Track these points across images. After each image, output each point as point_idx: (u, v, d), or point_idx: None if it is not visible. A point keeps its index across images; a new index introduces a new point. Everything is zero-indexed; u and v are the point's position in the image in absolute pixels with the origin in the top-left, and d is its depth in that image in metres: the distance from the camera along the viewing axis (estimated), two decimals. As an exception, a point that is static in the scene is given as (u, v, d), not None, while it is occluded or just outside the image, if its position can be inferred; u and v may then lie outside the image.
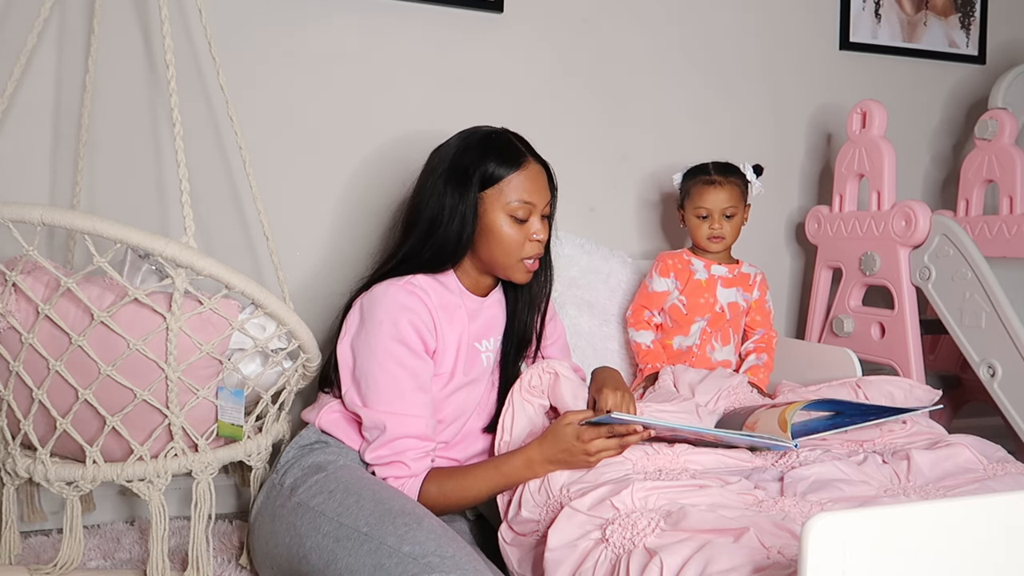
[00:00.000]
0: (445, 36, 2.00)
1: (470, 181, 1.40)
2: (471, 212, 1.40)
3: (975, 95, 2.55)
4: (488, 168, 1.40)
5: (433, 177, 1.43)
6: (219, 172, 1.83)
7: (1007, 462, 1.38)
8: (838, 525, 0.78)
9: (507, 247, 1.42)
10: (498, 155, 1.41)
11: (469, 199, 1.40)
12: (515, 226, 1.41)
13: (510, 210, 1.41)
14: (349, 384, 1.41)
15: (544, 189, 1.45)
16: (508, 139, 1.45)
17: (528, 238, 1.43)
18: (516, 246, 1.42)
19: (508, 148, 1.43)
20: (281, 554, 1.29)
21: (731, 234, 1.85)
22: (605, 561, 1.09)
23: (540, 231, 1.43)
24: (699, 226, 1.84)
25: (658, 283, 1.87)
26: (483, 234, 1.42)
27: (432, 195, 1.42)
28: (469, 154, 1.42)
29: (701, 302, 1.85)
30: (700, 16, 2.25)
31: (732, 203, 1.82)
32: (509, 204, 1.40)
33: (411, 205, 1.48)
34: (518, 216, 1.41)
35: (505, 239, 1.42)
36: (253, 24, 1.85)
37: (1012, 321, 1.76)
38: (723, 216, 1.82)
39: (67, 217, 1.20)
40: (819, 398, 1.55)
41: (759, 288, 1.91)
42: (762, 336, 1.91)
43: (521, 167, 1.42)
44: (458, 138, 1.47)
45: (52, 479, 1.33)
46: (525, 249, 1.43)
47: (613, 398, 1.41)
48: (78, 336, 1.25)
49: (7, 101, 1.49)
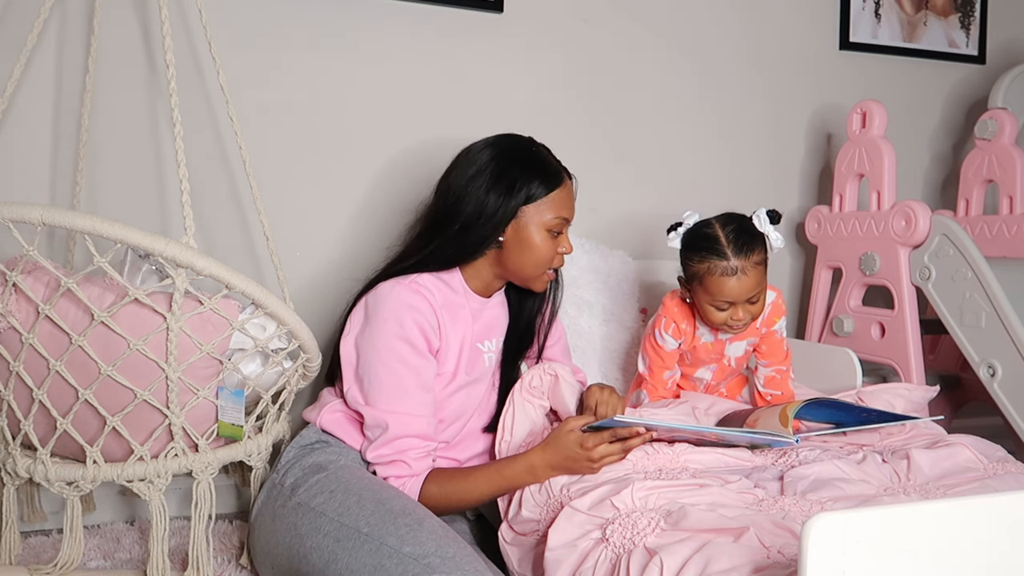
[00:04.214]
0: (445, 36, 2.00)
1: (515, 194, 1.42)
2: (506, 221, 1.43)
3: (975, 95, 2.55)
4: (534, 185, 1.43)
5: (475, 183, 1.43)
6: (219, 172, 1.83)
7: (1007, 462, 1.38)
8: (838, 525, 0.78)
9: (539, 260, 1.45)
10: (543, 173, 1.44)
11: (509, 209, 1.42)
12: (549, 240, 1.45)
13: (548, 226, 1.44)
14: (352, 382, 1.41)
15: (574, 204, 1.50)
16: (547, 155, 1.49)
17: (557, 251, 1.47)
18: (547, 259, 1.46)
19: (549, 165, 1.46)
20: (281, 554, 1.29)
21: (756, 314, 1.51)
22: (605, 561, 1.09)
23: (568, 245, 1.48)
24: (714, 313, 1.50)
25: (670, 342, 1.60)
26: (517, 245, 1.44)
27: (472, 199, 1.43)
28: (515, 167, 1.43)
29: (705, 357, 1.63)
30: (700, 16, 2.25)
31: (758, 288, 1.47)
32: (548, 220, 1.44)
33: (443, 206, 1.47)
34: (554, 231, 1.45)
35: (539, 252, 1.44)
36: (253, 24, 1.85)
37: (1012, 321, 1.76)
38: (747, 302, 1.49)
39: (67, 217, 1.20)
40: (820, 397, 1.55)
41: (772, 314, 1.60)
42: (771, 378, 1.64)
43: (561, 185, 1.45)
44: (496, 146, 1.47)
45: (52, 479, 1.33)
46: (553, 262, 1.47)
47: (598, 394, 1.44)
48: (78, 336, 1.25)
49: (7, 101, 1.49)
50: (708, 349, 1.62)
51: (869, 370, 2.01)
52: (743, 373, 1.74)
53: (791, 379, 1.66)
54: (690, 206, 2.00)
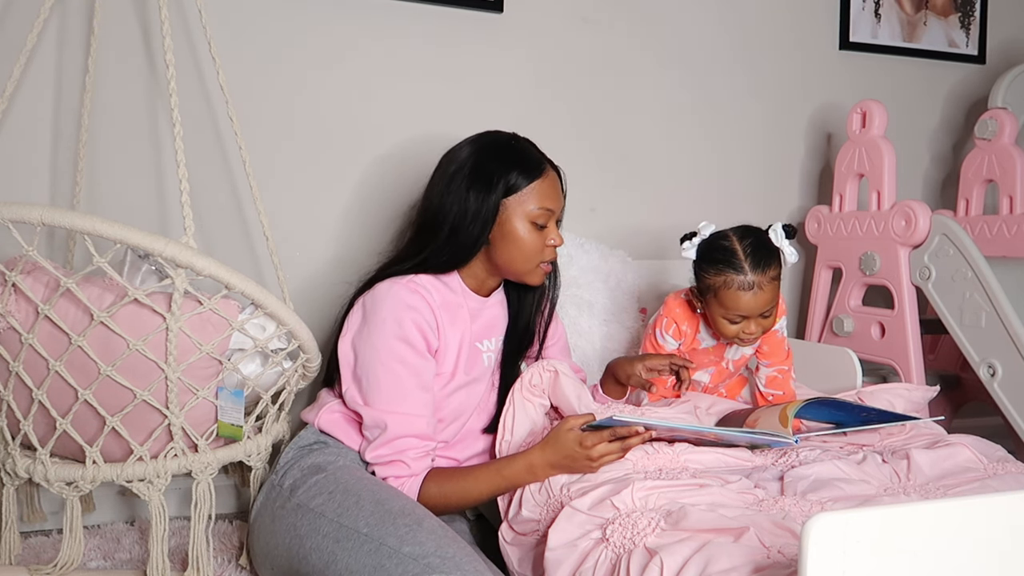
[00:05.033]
0: (445, 36, 2.00)
1: (494, 188, 1.41)
2: (491, 217, 1.42)
3: (975, 95, 2.55)
4: (512, 176, 1.42)
5: (455, 182, 1.43)
6: (219, 172, 1.83)
7: (1007, 462, 1.38)
8: (838, 525, 0.78)
9: (527, 253, 1.44)
10: (522, 164, 1.44)
11: (491, 205, 1.42)
12: (534, 232, 1.44)
13: (531, 217, 1.43)
14: (350, 382, 1.41)
15: (560, 195, 1.49)
16: (527, 147, 1.48)
17: (546, 243, 1.46)
18: (536, 252, 1.45)
19: (529, 156, 1.46)
20: (281, 555, 1.29)
21: (768, 327, 1.52)
22: (605, 561, 1.09)
23: (557, 237, 1.47)
24: (726, 326, 1.50)
25: (670, 343, 1.60)
26: (502, 240, 1.44)
27: (454, 199, 1.43)
28: (492, 161, 1.43)
29: (704, 359, 1.63)
30: (700, 16, 2.25)
31: (773, 303, 1.48)
32: (530, 211, 1.43)
33: (429, 208, 1.47)
34: (538, 223, 1.44)
35: (526, 245, 1.44)
36: (253, 24, 1.85)
37: (1012, 321, 1.76)
38: (760, 316, 1.49)
39: (67, 217, 1.20)
40: (820, 396, 1.55)
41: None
42: (772, 378, 1.64)
43: (542, 175, 1.45)
44: (475, 144, 1.47)
45: (52, 479, 1.33)
46: (544, 254, 1.46)
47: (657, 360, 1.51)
48: (78, 336, 1.25)
49: (7, 101, 1.49)
50: (708, 352, 1.62)
51: (869, 370, 2.01)
52: (742, 374, 1.74)
53: (792, 379, 1.66)
54: (690, 206, 1.99)
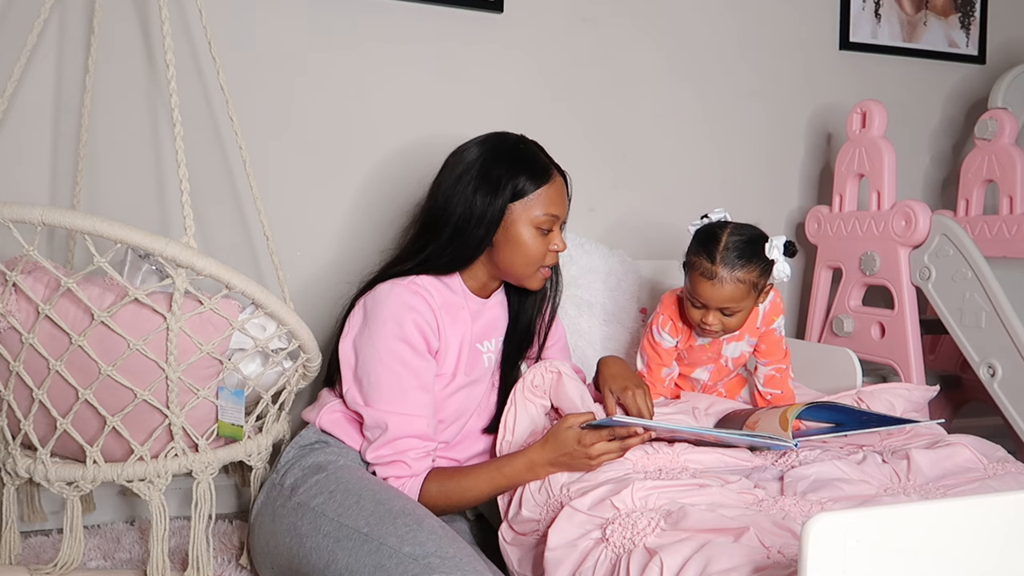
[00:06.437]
0: (445, 36, 2.00)
1: (501, 191, 1.41)
2: (496, 220, 1.42)
3: (975, 95, 2.55)
4: (520, 181, 1.42)
5: (462, 183, 1.43)
6: (219, 172, 1.83)
7: (1007, 462, 1.38)
8: (838, 525, 0.78)
9: (529, 257, 1.44)
10: (530, 169, 1.43)
11: (496, 208, 1.41)
12: (539, 237, 1.44)
13: (537, 223, 1.43)
14: (351, 382, 1.41)
15: (566, 201, 1.48)
16: (536, 151, 1.47)
17: (549, 249, 1.46)
18: (538, 256, 1.45)
19: (537, 161, 1.45)
20: (281, 554, 1.29)
21: (729, 327, 1.52)
22: (605, 561, 1.09)
23: (560, 242, 1.46)
24: (689, 308, 1.53)
25: (667, 340, 1.61)
26: (506, 243, 1.43)
27: (460, 200, 1.42)
28: (501, 164, 1.42)
29: (702, 356, 1.64)
30: (699, 15, 2.25)
31: (734, 302, 1.47)
32: (536, 217, 1.42)
33: (434, 208, 1.46)
34: (543, 228, 1.43)
35: (529, 250, 1.43)
36: (253, 24, 1.85)
37: (1012, 321, 1.76)
38: (720, 312, 1.49)
39: (67, 217, 1.20)
40: (821, 400, 1.55)
41: (771, 313, 1.61)
42: (770, 377, 1.64)
43: (549, 181, 1.44)
44: (483, 145, 1.46)
45: (52, 479, 1.33)
46: (546, 259, 1.46)
47: (640, 395, 1.44)
48: (78, 336, 1.25)
49: (7, 101, 1.49)
50: (705, 348, 1.61)
51: (869, 370, 2.01)
52: (741, 374, 1.74)
53: (791, 378, 1.66)
54: (690, 206, 1.98)
